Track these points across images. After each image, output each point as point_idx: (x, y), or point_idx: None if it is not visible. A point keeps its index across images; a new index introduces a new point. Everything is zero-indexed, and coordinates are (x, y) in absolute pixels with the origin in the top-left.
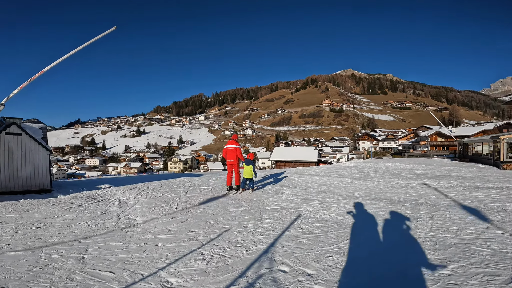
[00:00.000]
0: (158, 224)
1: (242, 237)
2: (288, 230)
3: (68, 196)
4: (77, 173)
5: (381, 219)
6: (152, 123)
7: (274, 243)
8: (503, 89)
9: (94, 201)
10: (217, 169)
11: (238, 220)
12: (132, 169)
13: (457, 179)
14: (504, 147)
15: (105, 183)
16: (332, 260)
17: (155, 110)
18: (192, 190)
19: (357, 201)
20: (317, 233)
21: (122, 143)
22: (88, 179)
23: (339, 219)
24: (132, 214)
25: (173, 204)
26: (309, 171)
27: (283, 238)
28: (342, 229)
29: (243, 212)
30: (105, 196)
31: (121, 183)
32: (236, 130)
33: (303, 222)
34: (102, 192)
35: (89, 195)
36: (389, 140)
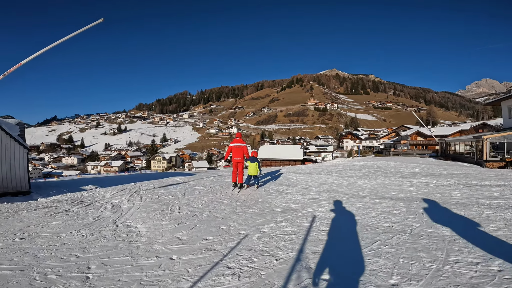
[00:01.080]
0: (164, 232)
1: (264, 244)
2: (311, 234)
3: (50, 199)
4: (54, 172)
5: (399, 218)
6: (134, 120)
7: (302, 249)
8: (478, 90)
9: (82, 205)
10: (203, 167)
11: (252, 224)
12: (113, 168)
13: (452, 177)
14: (487, 147)
15: (89, 183)
16: (373, 264)
17: (137, 108)
18: (190, 191)
19: (366, 200)
20: (341, 235)
21: (102, 141)
22: (69, 179)
23: (357, 219)
24: (130, 220)
25: (174, 207)
26: (304, 169)
27: (309, 242)
28: (365, 229)
29: (253, 214)
30: (93, 199)
31: (108, 184)
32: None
33: (322, 224)
34: (89, 194)
35: (75, 198)
36: (371, 139)
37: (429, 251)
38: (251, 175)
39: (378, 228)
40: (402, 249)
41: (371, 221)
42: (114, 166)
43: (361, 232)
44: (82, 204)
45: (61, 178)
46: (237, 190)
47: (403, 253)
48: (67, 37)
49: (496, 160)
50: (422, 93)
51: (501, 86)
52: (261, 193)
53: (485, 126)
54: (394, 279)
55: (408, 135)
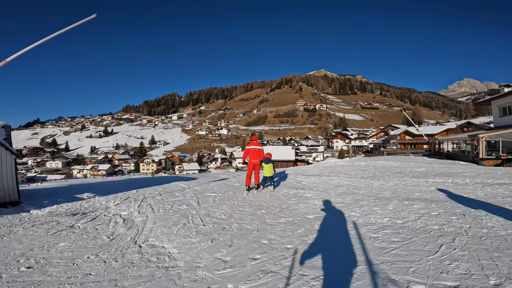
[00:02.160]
0: (201, 253)
1: (325, 260)
2: (365, 242)
3: (46, 212)
4: (38, 177)
5: (443, 220)
6: (121, 123)
7: (370, 261)
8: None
9: (86, 219)
10: (194, 169)
11: (294, 236)
12: (100, 171)
13: (464, 176)
14: (483, 145)
15: (84, 191)
16: (458, 268)
17: (124, 110)
18: (203, 199)
19: (394, 203)
20: (400, 241)
21: (87, 144)
22: (59, 186)
23: (399, 223)
24: (152, 237)
25: (195, 219)
26: (310, 171)
27: (372, 252)
28: (419, 234)
29: (288, 224)
30: (96, 211)
31: (105, 191)
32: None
33: (369, 230)
34: (89, 204)
35: (74, 209)
36: (360, 139)
37: (501, 251)
38: (267, 176)
39: (430, 231)
40: (475, 251)
41: (416, 224)
42: (101, 169)
43: (417, 236)
44: (85, 217)
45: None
46: (253, 191)
47: (479, 255)
48: (57, 33)
49: (492, 158)
50: (407, 93)
51: (482, 86)
52: (281, 198)
53: (470, 125)
54: (492, 279)
55: (397, 135)
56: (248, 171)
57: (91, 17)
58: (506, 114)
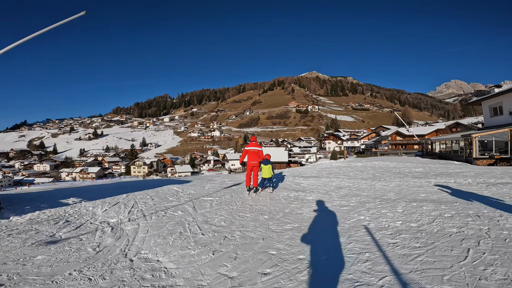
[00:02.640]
0: (202, 268)
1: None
2: (385, 249)
3: (26, 219)
4: (25, 180)
5: (459, 222)
6: (111, 125)
7: (396, 270)
8: (447, 91)
9: (70, 227)
10: (186, 172)
11: (304, 244)
12: (90, 174)
13: (465, 176)
14: (476, 145)
15: (70, 195)
16: (495, 273)
17: (114, 111)
18: (199, 204)
19: (402, 204)
20: (422, 247)
21: (76, 147)
22: (44, 190)
23: (414, 226)
24: (145, 249)
25: (192, 227)
26: (307, 172)
27: (396, 260)
28: (441, 238)
29: (295, 230)
30: (81, 218)
31: (93, 195)
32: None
33: (384, 235)
34: (74, 210)
35: (58, 216)
36: (352, 140)
37: None
38: (265, 177)
39: (450, 234)
40: (505, 254)
41: (433, 228)
42: (91, 172)
43: (439, 241)
44: (69, 225)
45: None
46: (252, 194)
47: (510, 258)
48: (45, 29)
49: (486, 158)
50: (397, 94)
51: (469, 87)
52: (282, 202)
53: (458, 125)
54: None
55: (388, 135)
56: (247, 172)
57: (80, 14)
58: (497, 114)
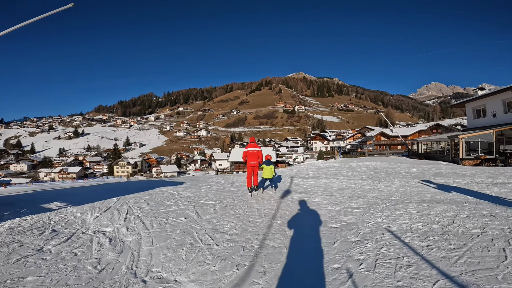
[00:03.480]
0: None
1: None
2: (421, 252)
3: (6, 227)
4: (1, 180)
5: (478, 222)
6: (93, 123)
7: (445, 273)
8: (428, 93)
9: (59, 238)
10: (172, 171)
11: (332, 251)
12: (70, 175)
13: (461, 177)
14: (463, 146)
15: (53, 199)
16: None
17: (96, 110)
18: (202, 209)
19: (413, 205)
20: (457, 248)
21: (55, 146)
22: (23, 193)
23: (436, 227)
24: (157, 266)
25: (203, 236)
26: (303, 173)
27: (439, 263)
28: (470, 239)
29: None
30: (70, 226)
31: (79, 199)
32: (210, 131)
33: (412, 238)
34: (59, 217)
35: (42, 224)
36: (338, 140)
37: None
38: (266, 178)
39: (478, 235)
40: None
41: (456, 228)
42: (71, 172)
43: (470, 242)
44: (58, 236)
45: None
46: (254, 194)
47: None
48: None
49: (471, 158)
50: (380, 96)
51: (448, 90)
52: (289, 205)
53: (439, 127)
54: None
55: (373, 136)
56: (248, 172)
57: (68, 6)
58: (480, 116)
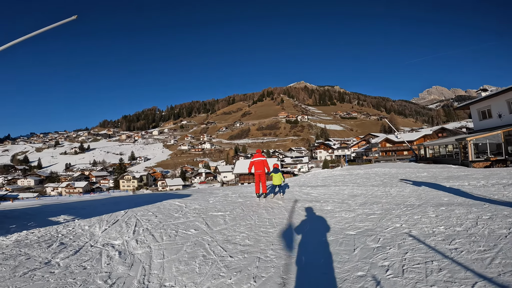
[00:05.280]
0: None
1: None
2: (449, 255)
3: (13, 240)
4: (9, 195)
5: (503, 223)
6: (98, 138)
7: (484, 276)
8: (430, 97)
9: (67, 252)
10: (178, 185)
11: (353, 259)
12: (77, 189)
13: (476, 179)
14: (472, 148)
15: (60, 212)
16: None
17: (101, 125)
18: (211, 221)
19: (431, 209)
20: (488, 250)
21: (62, 161)
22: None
23: (460, 230)
24: (169, 280)
25: (215, 248)
26: (311, 182)
27: (473, 266)
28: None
29: (333, 244)
30: (78, 239)
31: (86, 213)
32: (213, 144)
33: (437, 242)
34: (67, 230)
35: (49, 237)
36: (343, 148)
37: None
38: (276, 184)
39: (506, 235)
40: None
41: (482, 230)
42: (78, 187)
43: (499, 243)
44: (66, 249)
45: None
46: (262, 200)
47: None
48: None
49: (481, 160)
50: (382, 102)
51: (449, 93)
52: (300, 214)
53: (444, 130)
54: None
55: (378, 143)
56: (256, 180)
57: (72, 19)
58: (486, 117)
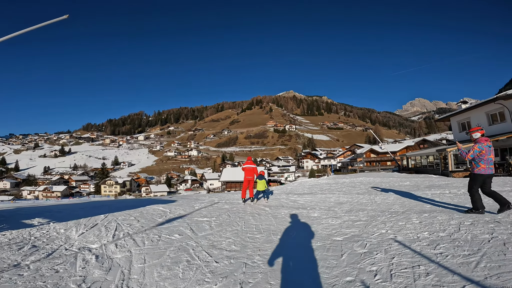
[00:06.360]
0: None
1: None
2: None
3: None
4: None
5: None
6: (81, 142)
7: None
8: (412, 109)
9: (39, 254)
10: (162, 191)
11: (341, 264)
12: (55, 193)
13: (456, 187)
14: (452, 159)
15: (35, 215)
16: None
17: (84, 128)
18: (196, 226)
19: (415, 216)
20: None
21: (40, 164)
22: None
23: (444, 236)
24: (150, 285)
25: (200, 253)
26: (297, 190)
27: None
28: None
29: (320, 249)
30: (52, 242)
31: (63, 216)
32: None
33: (422, 247)
34: (41, 233)
35: (21, 240)
36: (329, 158)
37: None
38: (260, 190)
39: (488, 240)
40: None
41: (464, 235)
42: (56, 191)
43: (483, 247)
44: (38, 252)
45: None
46: (249, 203)
47: None
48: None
49: (461, 170)
50: (368, 113)
51: (431, 105)
52: (287, 219)
53: (425, 142)
54: None
55: (363, 153)
56: (244, 185)
57: (63, 18)
58: (466, 129)
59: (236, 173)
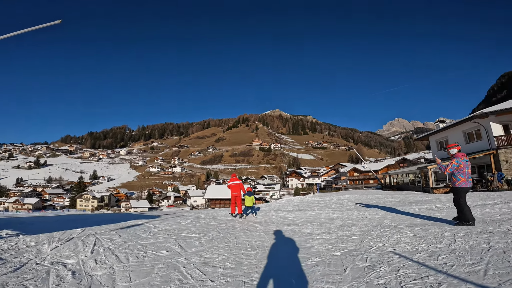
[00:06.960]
0: None
1: None
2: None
3: None
4: None
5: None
6: (58, 154)
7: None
8: (392, 129)
9: (6, 268)
10: (143, 207)
11: (346, 280)
12: (26, 205)
13: (441, 202)
14: (432, 176)
15: (3, 227)
16: None
17: (63, 140)
18: (185, 242)
19: (408, 229)
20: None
21: (13, 175)
22: None
23: (441, 247)
24: None
25: (192, 271)
26: (286, 207)
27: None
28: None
29: (321, 265)
30: (21, 255)
31: (34, 228)
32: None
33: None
34: (9, 245)
35: None
36: (313, 177)
37: None
38: (248, 206)
39: (488, 249)
40: None
41: (462, 246)
42: (27, 203)
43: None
44: (4, 265)
45: None
46: (238, 219)
47: None
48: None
49: (441, 187)
50: (351, 133)
51: (409, 125)
52: (279, 236)
53: (405, 161)
54: None
55: (346, 172)
56: (232, 202)
57: (56, 22)
58: (444, 147)
59: (220, 191)
